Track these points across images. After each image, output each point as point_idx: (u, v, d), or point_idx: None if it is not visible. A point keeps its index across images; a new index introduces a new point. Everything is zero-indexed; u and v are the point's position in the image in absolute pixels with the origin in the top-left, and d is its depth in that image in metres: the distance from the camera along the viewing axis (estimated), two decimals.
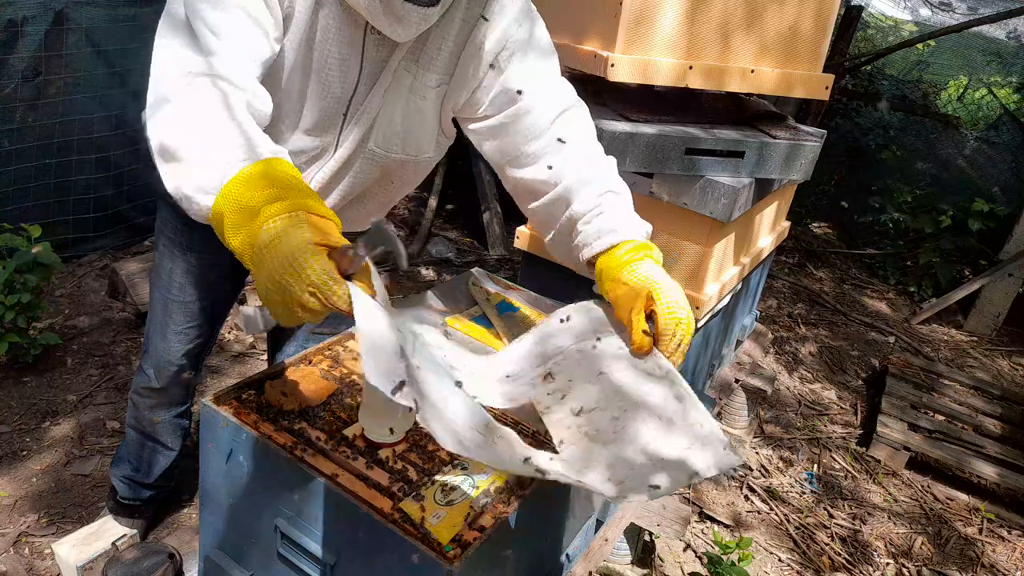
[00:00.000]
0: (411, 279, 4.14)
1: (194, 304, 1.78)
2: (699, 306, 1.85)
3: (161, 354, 1.84)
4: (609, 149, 1.64)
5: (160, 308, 1.79)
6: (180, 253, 1.71)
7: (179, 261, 1.72)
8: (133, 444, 2.01)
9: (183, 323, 1.81)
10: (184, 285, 1.75)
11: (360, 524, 1.18)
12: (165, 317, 1.80)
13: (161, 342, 1.83)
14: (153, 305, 1.81)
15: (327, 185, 1.56)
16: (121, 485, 2.05)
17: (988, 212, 5.00)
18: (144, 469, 2.03)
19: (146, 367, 1.88)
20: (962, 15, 6.04)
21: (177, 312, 1.79)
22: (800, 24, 1.80)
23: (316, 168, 1.52)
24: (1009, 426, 3.48)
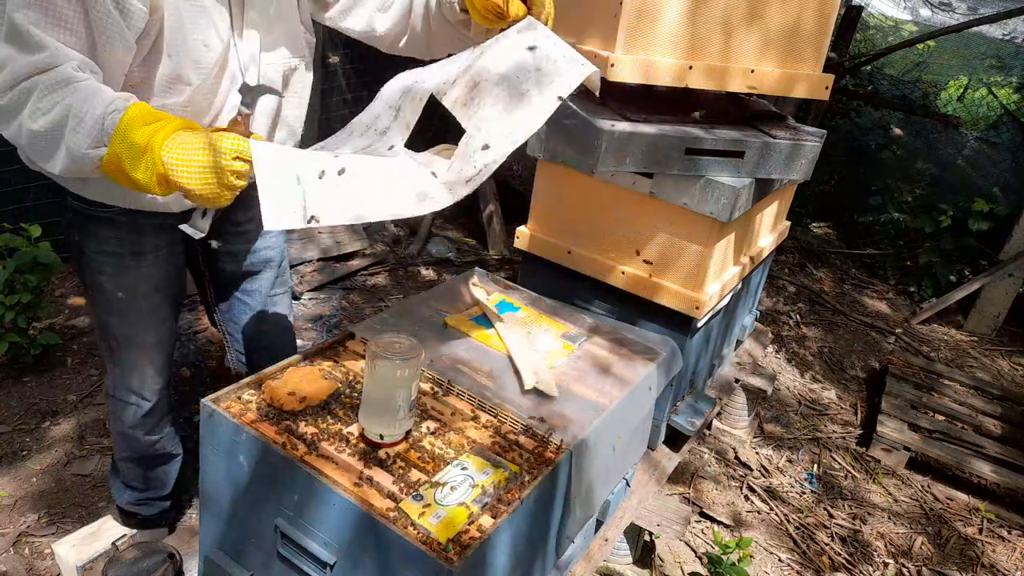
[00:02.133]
0: (411, 279, 4.14)
1: (163, 306, 1.72)
2: (699, 306, 1.85)
3: (146, 373, 1.76)
4: (609, 149, 1.65)
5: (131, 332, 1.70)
6: (133, 263, 1.62)
7: (133, 271, 1.63)
8: (135, 472, 1.96)
9: (159, 330, 1.74)
10: (148, 292, 1.67)
11: (360, 524, 1.18)
12: (141, 336, 1.71)
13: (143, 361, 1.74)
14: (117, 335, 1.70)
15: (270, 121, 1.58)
16: (142, 508, 2.02)
17: (988, 212, 5.00)
18: (156, 486, 2.01)
19: (127, 398, 1.79)
20: (962, 15, 6.04)
21: (151, 323, 1.71)
22: (800, 24, 1.80)
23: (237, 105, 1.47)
24: (1009, 426, 3.48)
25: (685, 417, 2.07)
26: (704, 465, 3.01)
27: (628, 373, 1.70)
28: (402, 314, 1.81)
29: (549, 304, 1.98)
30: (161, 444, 1.92)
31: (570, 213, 2.03)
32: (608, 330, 1.89)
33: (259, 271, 1.86)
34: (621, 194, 1.90)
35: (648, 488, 2.00)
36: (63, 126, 1.22)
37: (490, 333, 1.77)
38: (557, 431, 1.45)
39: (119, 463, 1.97)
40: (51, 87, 1.21)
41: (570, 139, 1.81)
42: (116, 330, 1.70)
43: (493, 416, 1.46)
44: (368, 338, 1.53)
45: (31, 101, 1.22)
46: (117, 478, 2.02)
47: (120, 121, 1.20)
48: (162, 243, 1.64)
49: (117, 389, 1.80)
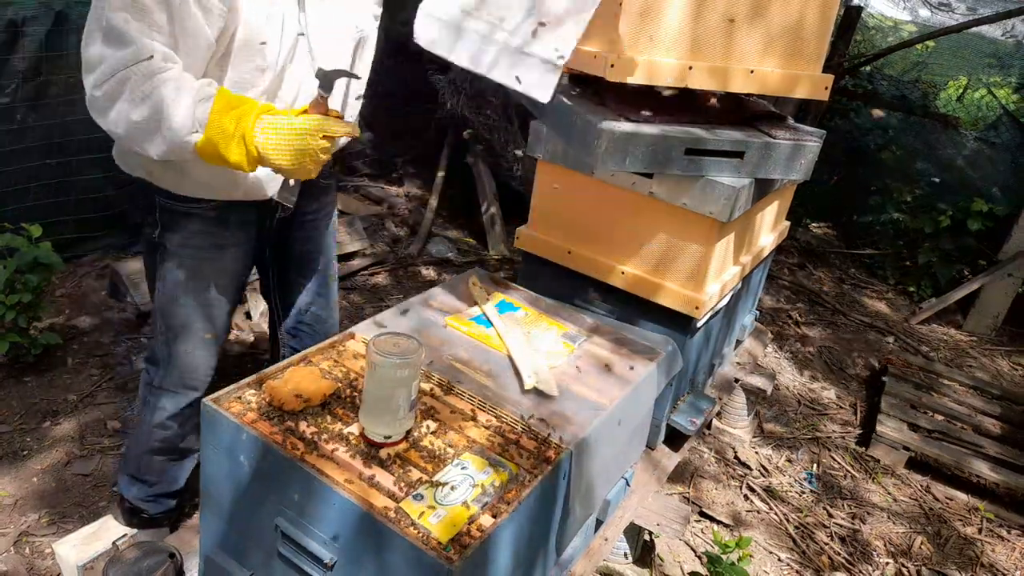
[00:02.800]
0: (411, 279, 4.14)
1: (229, 298, 1.83)
2: (699, 306, 1.85)
3: (201, 364, 1.85)
4: (609, 149, 1.65)
5: (195, 322, 1.79)
6: (215, 255, 1.75)
7: (212, 263, 1.75)
8: (153, 465, 1.98)
9: (220, 322, 1.85)
10: (221, 284, 1.78)
11: (360, 523, 1.19)
12: (205, 325, 1.81)
13: (201, 352, 1.84)
14: (182, 325, 1.79)
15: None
16: (148, 505, 2.02)
17: (987, 212, 5.00)
18: (169, 481, 2.02)
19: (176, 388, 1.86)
20: (961, 15, 6.04)
21: (217, 314, 1.82)
22: (801, 24, 1.80)
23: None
24: (1008, 426, 3.49)
25: (685, 416, 2.08)
26: (704, 464, 3.01)
27: (628, 373, 1.71)
28: (402, 314, 1.81)
29: (549, 304, 1.98)
30: (189, 438, 1.96)
31: (570, 213, 2.03)
32: (608, 330, 1.89)
33: (318, 256, 2.03)
34: (621, 194, 1.90)
35: (648, 487, 2.00)
36: (159, 116, 1.38)
37: (490, 333, 1.77)
38: (557, 431, 1.45)
39: (137, 456, 1.98)
40: (143, 78, 1.37)
41: (570, 139, 1.81)
42: (182, 320, 1.79)
43: (493, 416, 1.47)
44: (368, 338, 1.53)
45: (126, 92, 1.38)
46: (127, 473, 2.02)
47: (211, 110, 1.39)
48: (242, 239, 1.78)
49: (167, 380, 1.86)
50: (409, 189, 5.27)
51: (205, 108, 1.40)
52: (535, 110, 2.05)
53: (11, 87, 3.19)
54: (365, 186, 5.08)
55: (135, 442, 1.98)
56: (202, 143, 1.42)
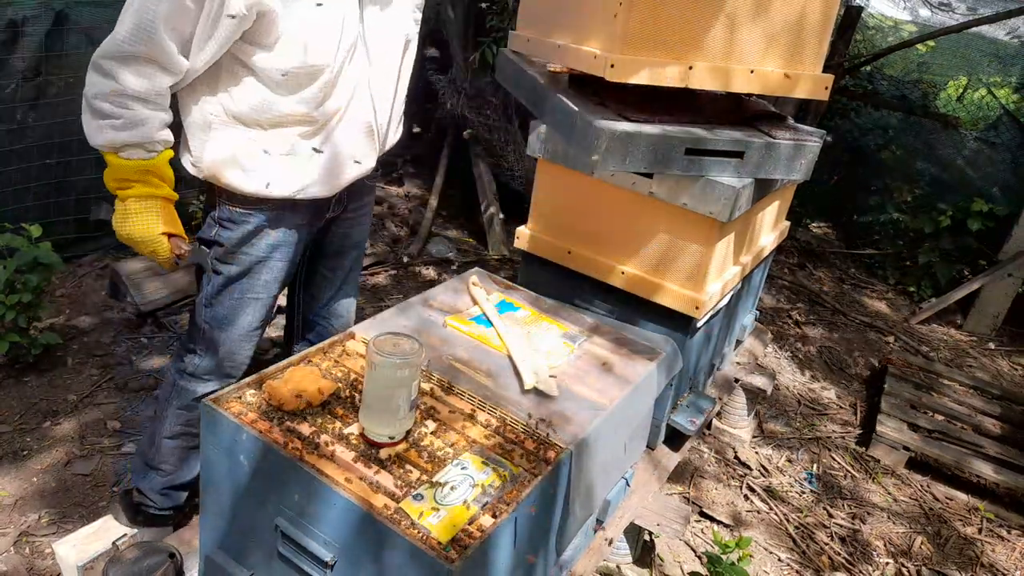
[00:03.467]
0: (411, 279, 4.14)
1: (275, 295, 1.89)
2: (699, 306, 1.85)
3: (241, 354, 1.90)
4: (609, 149, 1.65)
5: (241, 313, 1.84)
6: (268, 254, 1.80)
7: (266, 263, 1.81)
8: (178, 450, 1.99)
9: (264, 316, 1.90)
10: (269, 282, 1.84)
11: (360, 524, 1.19)
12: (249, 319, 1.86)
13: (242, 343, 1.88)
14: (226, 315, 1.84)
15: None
16: (158, 498, 2.02)
17: (987, 212, 5.00)
18: (186, 469, 2.02)
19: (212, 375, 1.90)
20: (962, 15, 6.04)
21: (262, 308, 1.88)
22: (801, 24, 1.80)
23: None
24: (1008, 426, 3.49)
25: (685, 416, 2.08)
26: (704, 464, 3.01)
27: (628, 373, 1.71)
28: (402, 314, 1.81)
29: (549, 304, 1.98)
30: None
31: (570, 213, 2.03)
32: (608, 330, 1.89)
33: (348, 252, 2.09)
34: (621, 194, 1.90)
35: (648, 487, 2.00)
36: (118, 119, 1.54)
37: (490, 333, 1.77)
38: (557, 431, 1.45)
39: (160, 443, 1.98)
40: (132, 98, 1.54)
41: (570, 139, 1.81)
42: (228, 311, 1.84)
43: (493, 416, 1.46)
44: (368, 338, 1.53)
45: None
46: (144, 460, 2.02)
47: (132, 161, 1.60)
48: (293, 239, 1.83)
49: (203, 367, 1.90)
50: (409, 189, 5.27)
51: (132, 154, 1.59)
52: (535, 110, 2.05)
53: (11, 87, 3.19)
54: None
55: (155, 430, 1.99)
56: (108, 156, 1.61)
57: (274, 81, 1.58)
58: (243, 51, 1.56)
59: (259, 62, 1.56)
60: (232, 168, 1.67)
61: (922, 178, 5.65)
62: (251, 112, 1.62)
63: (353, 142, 1.76)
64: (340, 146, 1.74)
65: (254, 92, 1.60)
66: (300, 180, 1.71)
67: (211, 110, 1.64)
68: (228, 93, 1.62)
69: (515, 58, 2.26)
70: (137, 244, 1.67)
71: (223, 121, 1.64)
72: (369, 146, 1.81)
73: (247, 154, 1.66)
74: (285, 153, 1.68)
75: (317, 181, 1.74)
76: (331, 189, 1.78)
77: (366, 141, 1.79)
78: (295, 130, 1.66)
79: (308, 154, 1.70)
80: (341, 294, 2.15)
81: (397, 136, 1.99)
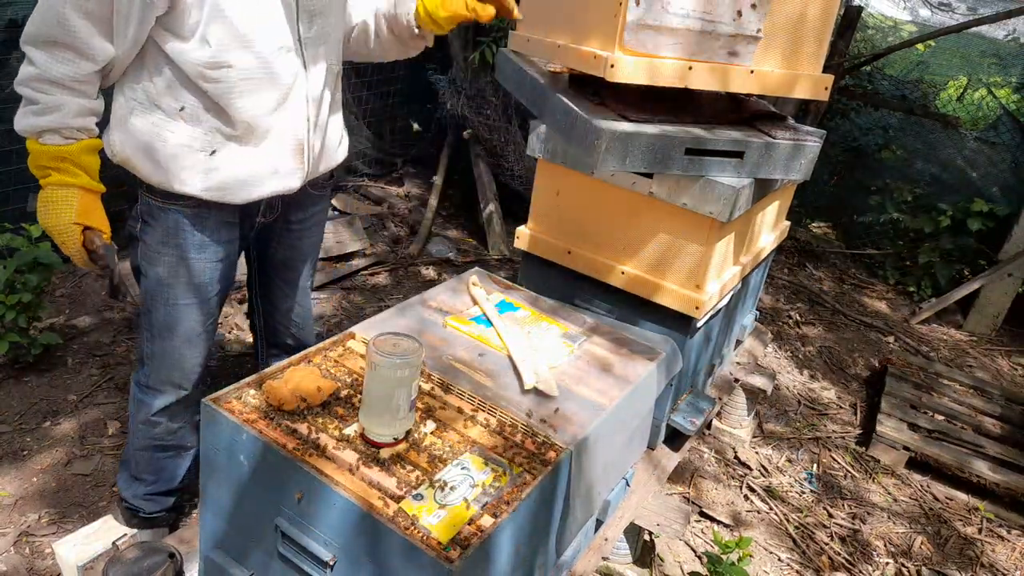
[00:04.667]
0: (411, 279, 4.14)
1: (213, 298, 1.82)
2: (699, 306, 1.85)
3: (186, 363, 1.84)
4: (609, 149, 1.65)
5: (179, 322, 1.78)
6: (195, 255, 1.73)
7: (192, 264, 1.73)
8: (150, 462, 1.98)
9: (205, 321, 1.83)
10: (202, 284, 1.77)
11: (360, 524, 1.19)
12: (189, 326, 1.79)
13: (185, 351, 1.82)
14: (164, 323, 1.78)
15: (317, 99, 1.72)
16: (144, 503, 2.02)
17: (987, 212, 5.00)
18: (167, 478, 2.02)
19: (162, 386, 1.86)
20: (962, 15, 6.04)
21: (201, 313, 1.80)
22: (801, 24, 1.80)
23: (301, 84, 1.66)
24: (1008, 426, 3.49)
25: (685, 416, 2.08)
26: (704, 465, 3.01)
27: (628, 373, 1.71)
28: (402, 314, 1.81)
29: (549, 304, 1.98)
30: (181, 433, 1.96)
31: (570, 213, 2.03)
32: (608, 330, 1.89)
33: (300, 263, 2.05)
34: (621, 194, 1.90)
35: (648, 488, 2.00)
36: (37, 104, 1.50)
37: (490, 333, 1.77)
38: (557, 431, 1.45)
39: (133, 454, 1.98)
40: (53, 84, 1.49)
41: (570, 139, 1.81)
42: (165, 318, 1.78)
43: (493, 416, 1.47)
44: (368, 338, 1.53)
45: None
46: (127, 471, 2.03)
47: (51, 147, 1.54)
48: (223, 238, 1.76)
49: (153, 379, 1.86)
50: (409, 189, 5.27)
51: (51, 139, 1.53)
52: (535, 110, 2.05)
53: (11, 87, 3.18)
54: (365, 186, 5.08)
55: (131, 440, 1.98)
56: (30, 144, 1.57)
57: (192, 74, 1.52)
58: (161, 38, 1.51)
59: (175, 53, 1.51)
60: (144, 157, 1.61)
61: (922, 178, 5.65)
62: (170, 103, 1.56)
63: (277, 154, 1.68)
64: (260, 155, 1.66)
65: (173, 83, 1.55)
66: (207, 181, 1.63)
67: (133, 96, 1.59)
68: (152, 82, 1.56)
69: (515, 58, 2.26)
70: (51, 234, 1.60)
71: (143, 109, 1.58)
72: (295, 162, 1.72)
73: (160, 145, 1.59)
74: (200, 150, 1.60)
75: (228, 186, 1.65)
76: (244, 197, 1.69)
77: (292, 156, 1.70)
78: (212, 128, 1.59)
79: (224, 155, 1.62)
80: (297, 305, 2.11)
81: (337, 158, 1.91)
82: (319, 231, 2.06)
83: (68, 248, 1.61)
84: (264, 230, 1.92)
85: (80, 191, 1.58)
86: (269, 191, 1.71)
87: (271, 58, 1.56)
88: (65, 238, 1.59)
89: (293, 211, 1.91)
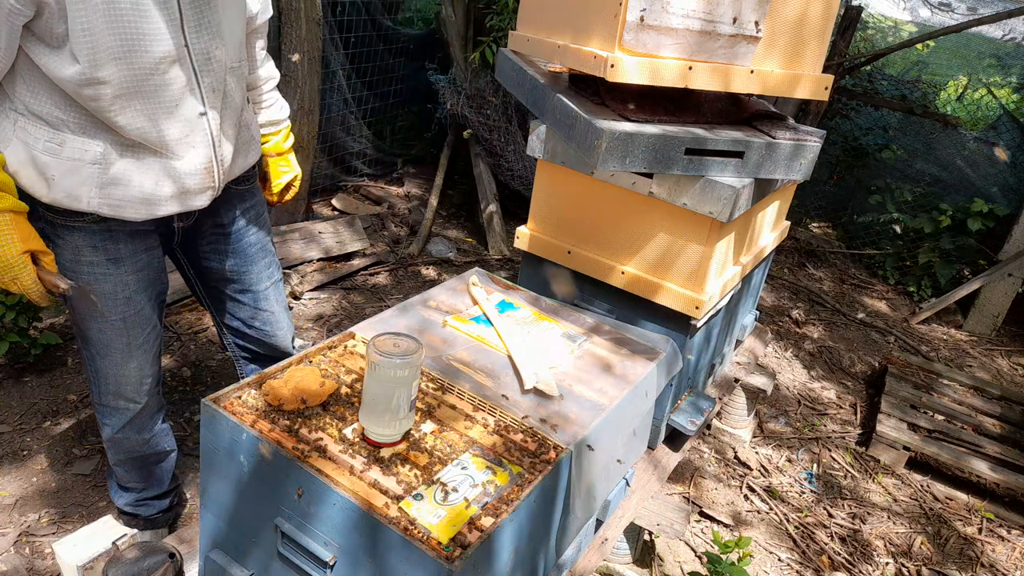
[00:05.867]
0: (411, 279, 4.14)
1: (145, 308, 1.70)
2: (699, 306, 1.85)
3: (131, 377, 1.75)
4: (609, 149, 1.65)
5: (114, 338, 1.68)
6: (112, 270, 1.61)
7: (112, 278, 1.62)
8: (132, 472, 1.96)
9: (142, 333, 1.72)
10: (128, 297, 1.65)
11: (360, 524, 1.19)
12: (125, 341, 1.69)
13: (127, 366, 1.73)
14: (100, 342, 1.68)
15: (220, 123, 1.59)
16: (141, 508, 2.03)
17: (987, 212, 5.01)
18: (155, 483, 2.01)
19: (114, 403, 1.79)
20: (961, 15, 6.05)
21: (134, 328, 1.69)
22: (801, 24, 1.80)
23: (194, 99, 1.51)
24: (1008, 426, 3.49)
25: (685, 416, 2.08)
26: (704, 464, 3.01)
27: (628, 372, 1.71)
28: (402, 314, 1.81)
29: (549, 304, 1.98)
30: (154, 441, 1.92)
31: (570, 213, 2.03)
32: (608, 329, 1.89)
33: (246, 268, 1.88)
34: (621, 194, 1.90)
35: (648, 487, 2.00)
36: None
37: (490, 333, 1.77)
38: (557, 431, 1.45)
39: (114, 467, 1.97)
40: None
41: (570, 139, 1.81)
42: (99, 336, 1.68)
43: (493, 416, 1.46)
44: (368, 338, 1.53)
45: None
46: (113, 481, 2.03)
47: None
48: (138, 248, 1.63)
49: (103, 396, 1.78)
50: (409, 189, 5.27)
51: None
52: (535, 110, 2.05)
53: None
54: (365, 186, 5.08)
55: (108, 456, 1.96)
56: None
57: (68, 90, 1.38)
58: (33, 51, 1.36)
59: (47, 68, 1.36)
60: (35, 174, 1.46)
61: (922, 178, 5.65)
62: (56, 115, 1.42)
63: (179, 172, 1.53)
64: (159, 173, 1.52)
65: (55, 95, 1.41)
66: (104, 197, 1.49)
67: (14, 108, 1.45)
68: (33, 95, 1.42)
69: (515, 58, 2.26)
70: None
71: (28, 122, 1.44)
72: (202, 181, 1.58)
73: (50, 160, 1.44)
74: (92, 163, 1.46)
75: (127, 203, 1.51)
76: (146, 215, 1.55)
77: (198, 175, 1.56)
78: (105, 140, 1.45)
79: (120, 170, 1.48)
80: (261, 316, 1.95)
81: (251, 159, 1.78)
82: (259, 226, 1.89)
83: (23, 283, 1.40)
84: (192, 237, 1.78)
85: (11, 215, 1.40)
86: (174, 210, 1.57)
87: (151, 71, 1.40)
88: (18, 272, 1.39)
89: (220, 215, 1.76)
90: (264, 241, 1.92)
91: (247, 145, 1.75)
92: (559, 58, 1.92)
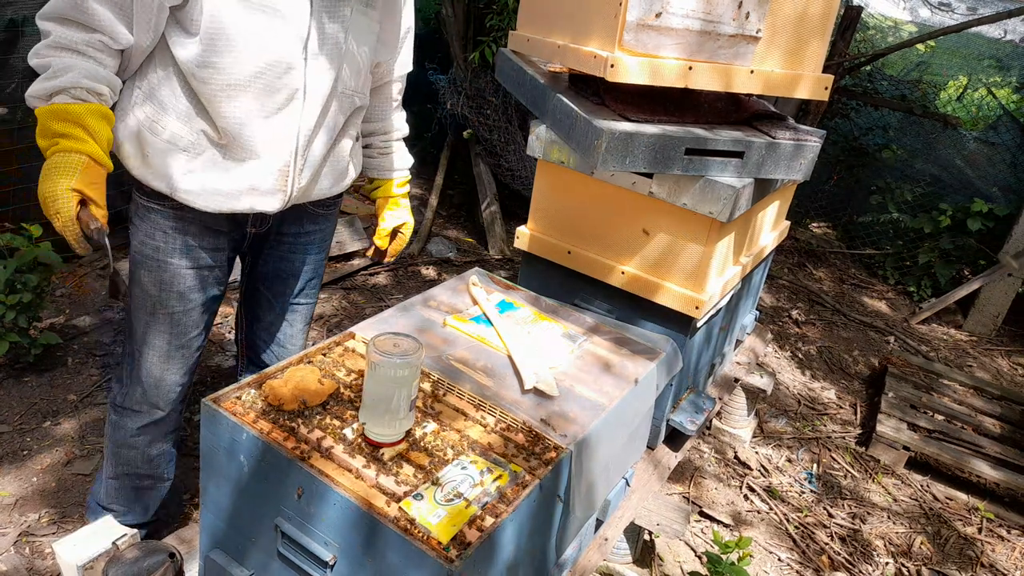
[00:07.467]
0: (411, 279, 4.14)
1: (196, 309, 1.72)
2: (699, 306, 1.85)
3: (166, 381, 1.76)
4: (609, 149, 1.65)
5: (157, 333, 1.70)
6: (177, 260, 1.66)
7: (171, 267, 1.66)
8: (121, 491, 1.93)
9: (187, 336, 1.74)
10: (183, 292, 1.68)
11: (360, 524, 1.19)
12: (166, 338, 1.71)
13: (164, 367, 1.74)
14: (144, 336, 1.71)
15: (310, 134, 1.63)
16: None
17: (987, 212, 5.01)
18: (138, 510, 1.97)
19: (138, 407, 1.79)
20: (961, 15, 6.05)
21: (180, 325, 1.72)
22: (801, 24, 1.80)
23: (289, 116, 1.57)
24: (1008, 426, 3.49)
25: (685, 416, 2.08)
26: (704, 464, 3.01)
27: (629, 372, 1.71)
28: (402, 314, 1.81)
29: (549, 304, 1.98)
30: (157, 462, 1.91)
31: (570, 213, 2.03)
32: (608, 329, 1.89)
33: (288, 277, 1.94)
34: (621, 194, 1.90)
35: (648, 487, 2.00)
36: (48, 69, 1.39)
37: (490, 333, 1.77)
38: (557, 431, 1.45)
39: (106, 482, 1.94)
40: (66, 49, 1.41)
41: (570, 139, 1.81)
42: (144, 330, 1.71)
43: (493, 416, 1.47)
44: (368, 337, 1.53)
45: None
46: (95, 501, 2.00)
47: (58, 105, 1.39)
48: (206, 245, 1.68)
49: (129, 399, 1.79)
50: (409, 189, 5.27)
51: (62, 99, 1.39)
52: (535, 110, 2.05)
53: (11, 87, 3.19)
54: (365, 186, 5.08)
55: (105, 468, 1.93)
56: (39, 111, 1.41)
57: (185, 71, 1.47)
58: (168, 31, 1.47)
59: (174, 47, 1.46)
60: (133, 147, 1.55)
61: (922, 178, 5.65)
62: (167, 97, 1.52)
63: (257, 171, 1.58)
64: (239, 169, 1.57)
65: (172, 78, 1.51)
66: (183, 182, 1.56)
67: (137, 84, 1.55)
68: (155, 73, 1.52)
69: (515, 58, 2.26)
70: (45, 204, 1.38)
71: (142, 98, 1.53)
72: (276, 183, 1.61)
73: (150, 138, 1.53)
74: (184, 150, 1.54)
75: (201, 192, 1.57)
76: (216, 207, 1.59)
77: (273, 176, 1.60)
78: (199, 130, 1.53)
79: (205, 160, 1.55)
80: (282, 325, 1.99)
81: (336, 188, 1.80)
82: (318, 252, 1.94)
83: (61, 217, 1.38)
84: (258, 241, 1.84)
85: (87, 159, 1.40)
86: (245, 207, 1.60)
87: (265, 70, 1.49)
88: (60, 206, 1.37)
89: (287, 224, 1.83)
90: (318, 265, 1.98)
91: (334, 174, 1.77)
92: (559, 58, 1.92)
